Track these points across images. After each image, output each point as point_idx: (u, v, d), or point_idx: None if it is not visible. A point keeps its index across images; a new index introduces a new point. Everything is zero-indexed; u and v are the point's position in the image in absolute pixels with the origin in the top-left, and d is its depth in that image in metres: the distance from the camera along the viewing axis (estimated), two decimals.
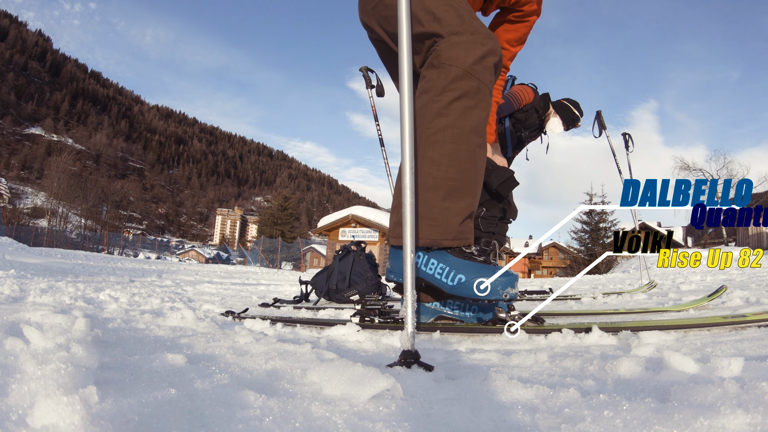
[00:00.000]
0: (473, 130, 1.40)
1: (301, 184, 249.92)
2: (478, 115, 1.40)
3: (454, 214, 1.37)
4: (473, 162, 1.41)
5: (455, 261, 1.38)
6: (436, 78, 1.39)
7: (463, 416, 0.58)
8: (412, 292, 0.98)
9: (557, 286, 6.38)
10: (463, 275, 1.35)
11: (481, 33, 1.39)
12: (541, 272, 45.21)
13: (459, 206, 1.38)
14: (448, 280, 1.37)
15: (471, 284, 1.33)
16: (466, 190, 1.40)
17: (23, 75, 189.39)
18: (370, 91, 3.80)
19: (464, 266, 1.36)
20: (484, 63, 1.38)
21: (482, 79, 1.38)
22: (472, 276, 1.33)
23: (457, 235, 1.38)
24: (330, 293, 3.33)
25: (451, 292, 1.38)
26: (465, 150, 1.37)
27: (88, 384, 0.53)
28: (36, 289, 2.64)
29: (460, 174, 1.38)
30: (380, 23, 1.58)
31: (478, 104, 1.39)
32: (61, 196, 55.29)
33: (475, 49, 1.36)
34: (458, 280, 1.35)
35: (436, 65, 1.40)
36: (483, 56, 1.37)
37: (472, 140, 1.40)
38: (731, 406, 0.49)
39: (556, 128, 3.30)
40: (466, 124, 1.38)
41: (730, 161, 30.29)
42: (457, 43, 1.37)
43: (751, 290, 2.69)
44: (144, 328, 1.36)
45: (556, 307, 2.64)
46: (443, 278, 1.38)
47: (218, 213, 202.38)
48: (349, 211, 21.81)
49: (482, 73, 1.38)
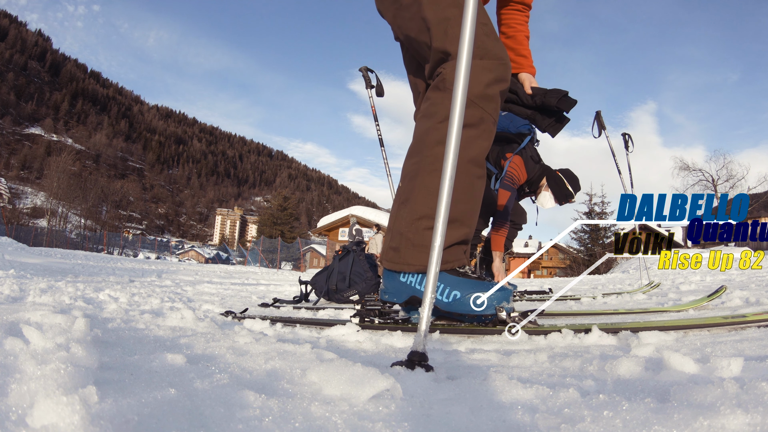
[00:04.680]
0: (473, 161, 1.37)
1: (301, 184, 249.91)
2: (480, 145, 1.37)
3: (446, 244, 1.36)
4: (470, 194, 1.40)
5: (450, 278, 1.39)
6: (440, 103, 1.36)
7: (463, 416, 0.58)
8: (432, 292, 0.96)
9: (557, 286, 6.38)
10: (458, 291, 1.36)
11: (491, 57, 1.34)
12: (540, 272, 45.22)
13: (451, 237, 1.38)
14: (443, 297, 1.39)
15: (466, 300, 1.35)
16: (461, 221, 1.39)
17: (23, 75, 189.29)
18: (370, 91, 3.80)
19: (458, 283, 1.38)
20: (490, 92, 1.34)
21: (486, 108, 1.34)
22: (467, 292, 1.35)
23: (447, 258, 1.39)
24: (330, 293, 3.33)
25: (447, 309, 1.40)
26: (463, 182, 1.34)
27: (87, 384, 0.53)
28: (36, 289, 2.64)
29: (456, 206, 1.35)
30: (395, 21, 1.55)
31: (481, 135, 1.36)
32: (60, 196, 55.28)
33: (481, 77, 1.32)
34: (453, 296, 1.37)
35: (441, 89, 1.37)
36: (489, 84, 1.33)
37: (471, 171, 1.38)
38: (731, 406, 0.49)
39: (546, 203, 3.25)
40: (466, 155, 1.34)
41: (729, 161, 30.32)
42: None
43: (750, 290, 2.69)
44: (144, 328, 1.36)
45: (555, 307, 2.64)
46: (438, 295, 1.40)
47: (218, 213, 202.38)
48: (348, 211, 21.81)
49: (487, 104, 1.34)
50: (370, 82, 3.78)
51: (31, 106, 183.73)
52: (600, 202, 28.51)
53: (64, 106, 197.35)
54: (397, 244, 1.45)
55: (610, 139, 4.79)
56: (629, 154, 4.95)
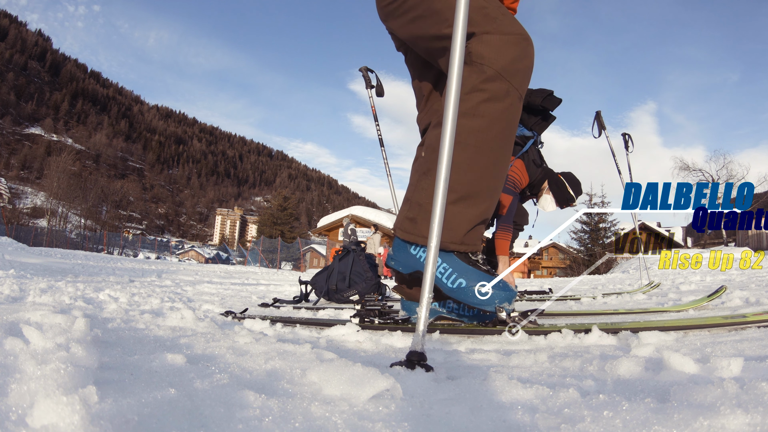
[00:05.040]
0: (499, 137, 1.32)
1: (301, 184, 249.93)
2: (507, 119, 1.32)
3: (465, 220, 1.34)
4: (494, 170, 1.35)
5: (460, 265, 1.36)
6: (467, 75, 1.30)
7: (463, 416, 0.58)
8: (429, 294, 0.96)
9: (557, 286, 6.38)
10: (465, 280, 1.33)
11: (514, 33, 1.30)
12: (540, 272, 45.22)
13: (471, 212, 1.34)
14: (449, 281, 1.36)
15: (470, 290, 1.32)
16: (483, 197, 1.35)
17: (23, 75, 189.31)
18: (370, 91, 3.80)
19: (467, 271, 1.34)
20: (517, 66, 1.30)
21: (513, 82, 1.29)
22: (473, 282, 1.32)
23: (465, 240, 1.36)
24: (330, 293, 3.33)
25: (449, 294, 1.37)
26: (487, 157, 1.31)
27: (87, 384, 0.53)
28: (35, 289, 2.64)
29: (479, 181, 1.32)
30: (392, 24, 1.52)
31: (508, 108, 1.31)
32: (60, 196, 55.28)
33: (507, 50, 1.28)
34: (458, 284, 1.34)
35: (467, 62, 1.30)
36: (515, 59, 1.29)
37: (497, 147, 1.33)
38: (731, 406, 0.49)
39: (548, 207, 3.23)
40: (492, 129, 1.30)
41: (729, 161, 30.27)
42: (489, 41, 1.28)
43: (750, 290, 2.69)
44: (144, 328, 1.36)
45: (555, 307, 2.64)
46: (444, 278, 1.37)
47: (218, 213, 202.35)
48: (348, 211, 21.81)
49: (514, 77, 1.29)
50: (370, 82, 3.78)
51: (31, 106, 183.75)
52: (600, 202, 28.51)
53: (64, 106, 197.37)
54: (414, 215, 1.41)
55: (610, 139, 4.79)
56: (629, 154, 4.95)
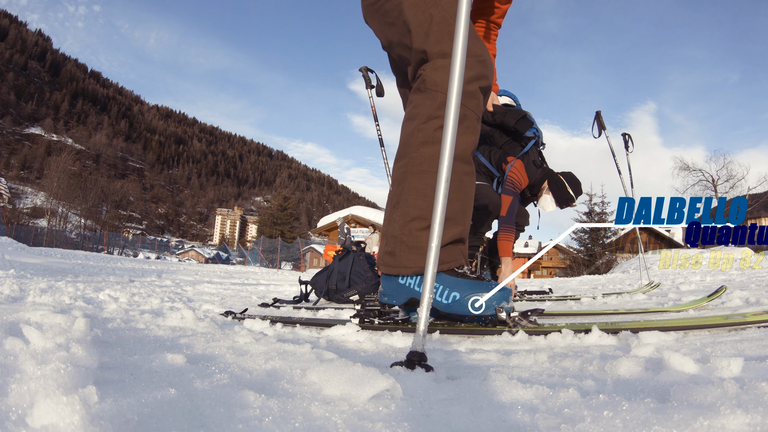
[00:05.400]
0: (459, 158, 1.38)
1: (301, 184, 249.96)
2: (464, 141, 1.38)
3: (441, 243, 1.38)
4: (459, 191, 1.40)
5: (448, 279, 1.39)
6: (422, 104, 1.37)
7: (463, 416, 0.58)
8: (429, 293, 0.96)
9: (557, 286, 6.38)
10: (458, 292, 1.36)
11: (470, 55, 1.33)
12: (540, 272, 45.22)
13: (446, 236, 1.38)
14: (443, 298, 1.38)
15: (465, 301, 1.35)
16: (454, 220, 1.40)
17: (23, 75, 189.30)
18: (370, 91, 3.80)
19: (457, 284, 1.37)
20: (469, 89, 1.34)
21: (468, 105, 1.35)
22: (466, 293, 1.35)
23: (443, 260, 1.39)
24: (330, 293, 3.33)
25: (446, 311, 1.40)
26: (452, 180, 1.36)
27: (87, 384, 0.53)
28: (35, 289, 2.64)
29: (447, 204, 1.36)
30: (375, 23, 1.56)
31: (465, 131, 1.36)
32: (60, 196, 55.27)
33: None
34: (452, 298, 1.36)
35: (422, 90, 1.38)
36: (469, 81, 1.33)
37: (459, 168, 1.38)
38: (731, 406, 0.49)
39: (547, 207, 3.24)
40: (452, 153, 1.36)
41: (729, 161, 30.20)
42: (442, 66, 1.33)
43: (750, 290, 2.69)
44: (144, 328, 1.36)
45: (555, 307, 2.64)
46: (437, 296, 1.39)
47: (218, 213, 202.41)
48: (348, 211, 21.82)
49: (468, 100, 1.35)
50: (370, 82, 3.78)
51: (31, 106, 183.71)
52: (600, 202, 28.47)
53: (64, 106, 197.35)
54: (392, 248, 1.45)
55: (610, 139, 4.79)
56: (629, 154, 4.95)
